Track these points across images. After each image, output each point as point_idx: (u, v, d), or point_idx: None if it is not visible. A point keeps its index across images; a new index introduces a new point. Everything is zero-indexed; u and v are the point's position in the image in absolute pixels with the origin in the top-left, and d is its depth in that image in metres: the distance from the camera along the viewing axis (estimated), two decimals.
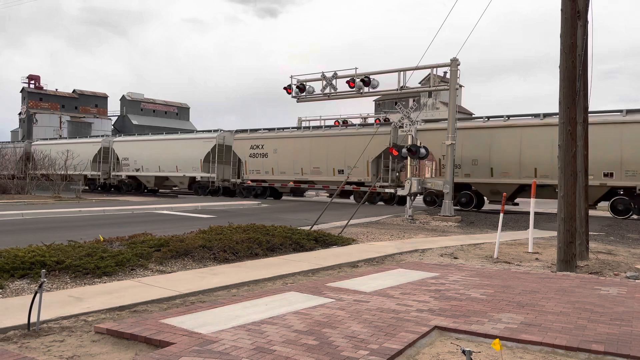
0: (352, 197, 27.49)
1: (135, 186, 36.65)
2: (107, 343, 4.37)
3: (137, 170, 35.72)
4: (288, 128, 30.55)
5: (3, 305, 5.40)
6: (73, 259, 7.14)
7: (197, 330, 4.51)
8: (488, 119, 22.88)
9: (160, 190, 37.54)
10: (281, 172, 28.82)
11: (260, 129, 31.11)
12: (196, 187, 33.04)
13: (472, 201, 22.97)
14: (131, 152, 36.19)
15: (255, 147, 30.02)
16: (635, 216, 19.72)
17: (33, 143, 44.54)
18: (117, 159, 37.05)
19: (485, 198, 23.59)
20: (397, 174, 25.47)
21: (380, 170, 25.45)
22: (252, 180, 30.10)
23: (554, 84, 9.52)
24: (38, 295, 4.64)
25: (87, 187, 38.95)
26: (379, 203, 26.22)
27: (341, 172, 26.10)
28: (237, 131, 31.94)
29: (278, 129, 30.40)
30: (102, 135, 41.28)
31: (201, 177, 32.20)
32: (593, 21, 10.08)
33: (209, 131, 33.33)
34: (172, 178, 34.42)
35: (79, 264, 7.04)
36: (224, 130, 32.46)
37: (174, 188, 37.74)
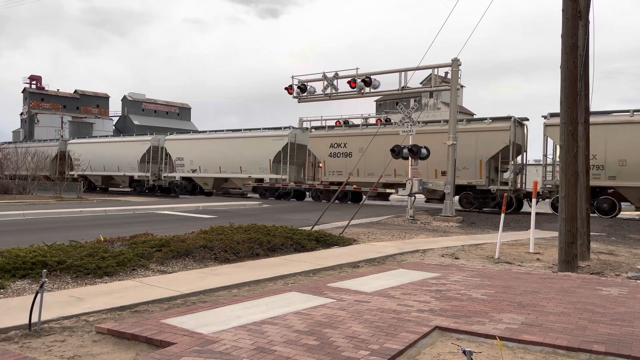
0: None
1: (190, 188, 33.87)
2: (108, 343, 4.37)
3: (194, 171, 32.91)
4: (373, 124, 27.66)
5: (4, 305, 5.40)
6: (74, 259, 7.15)
7: (198, 331, 4.52)
8: (633, 114, 19.99)
9: (215, 193, 34.30)
10: (368, 173, 25.37)
11: (338, 126, 29.04)
12: (262, 190, 30.32)
13: (614, 208, 20.39)
14: (186, 152, 33.28)
15: (336, 145, 27.06)
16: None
17: (69, 142, 42.25)
18: (170, 158, 34.35)
19: (631, 203, 20.80)
20: (514, 174, 22.92)
21: (490, 171, 23.02)
22: (332, 183, 27.12)
23: (554, 85, 9.53)
24: (39, 295, 4.65)
25: (131, 190, 37.28)
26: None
27: (444, 173, 23.30)
28: (314, 128, 29.62)
29: (362, 125, 28.14)
30: (152, 133, 37.89)
31: (270, 178, 29.37)
32: (594, 21, 10.08)
33: (279, 128, 30.16)
34: (233, 180, 31.57)
35: (80, 264, 7.05)
36: (295, 127, 30.13)
37: (231, 190, 34.13)
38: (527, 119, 23.58)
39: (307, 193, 30.07)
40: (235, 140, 31.13)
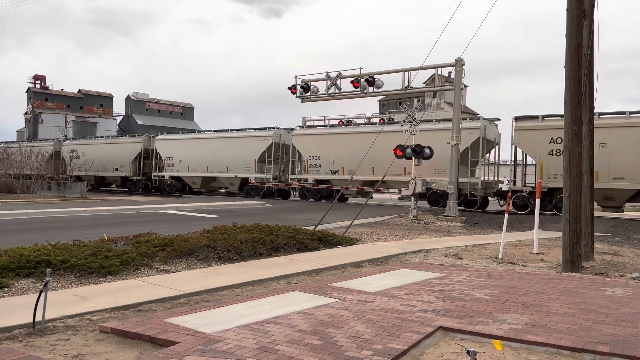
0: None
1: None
2: (111, 342, 4.38)
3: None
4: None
5: (8, 304, 5.42)
6: (78, 258, 7.16)
7: (201, 330, 4.52)
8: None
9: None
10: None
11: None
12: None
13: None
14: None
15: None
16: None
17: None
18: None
19: None
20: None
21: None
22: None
23: (558, 85, 9.50)
24: (43, 294, 4.66)
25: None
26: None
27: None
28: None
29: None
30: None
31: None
32: (599, 21, 10.04)
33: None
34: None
35: (84, 263, 7.06)
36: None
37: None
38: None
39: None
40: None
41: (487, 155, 25.05)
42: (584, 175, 9.33)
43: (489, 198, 24.34)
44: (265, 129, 30.51)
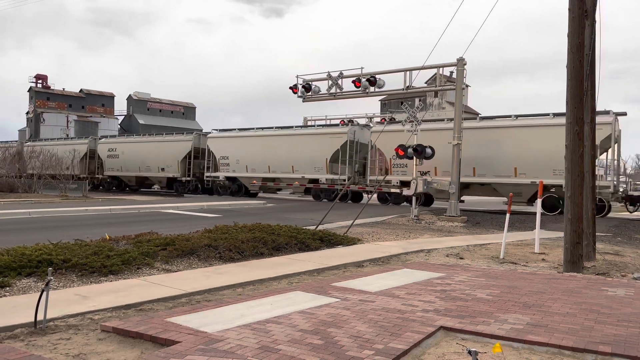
0: None
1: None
2: (113, 341, 4.39)
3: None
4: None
5: (10, 303, 5.43)
6: (79, 258, 7.17)
7: (202, 329, 4.52)
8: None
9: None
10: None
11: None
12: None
13: None
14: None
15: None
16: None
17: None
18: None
19: None
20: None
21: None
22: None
23: (560, 85, 9.47)
24: (45, 293, 4.67)
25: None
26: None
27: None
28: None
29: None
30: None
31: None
32: (601, 20, 10.02)
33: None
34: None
35: (86, 263, 7.07)
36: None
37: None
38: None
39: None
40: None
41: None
42: (585, 175, 9.32)
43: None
44: (339, 125, 28.31)
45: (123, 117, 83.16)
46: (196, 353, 3.91)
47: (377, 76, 21.27)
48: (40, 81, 77.72)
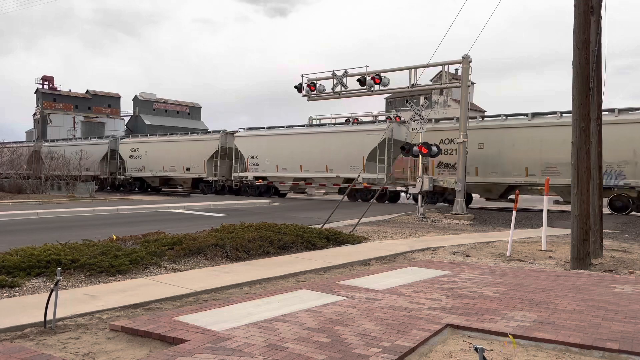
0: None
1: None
2: (121, 340, 4.42)
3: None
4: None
5: (20, 303, 5.48)
6: (88, 258, 7.23)
7: (210, 328, 4.55)
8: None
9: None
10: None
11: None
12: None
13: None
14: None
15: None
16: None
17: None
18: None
19: None
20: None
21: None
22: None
23: (566, 82, 9.43)
24: (54, 293, 4.71)
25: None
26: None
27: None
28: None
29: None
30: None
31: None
32: (607, 16, 9.97)
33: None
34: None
35: (94, 263, 7.12)
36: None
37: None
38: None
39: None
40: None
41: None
42: (592, 172, 9.28)
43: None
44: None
45: (129, 117, 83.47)
46: (204, 351, 3.94)
47: (382, 74, 21.24)
48: (47, 82, 78.14)
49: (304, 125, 30.27)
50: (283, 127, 30.85)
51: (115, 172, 38.45)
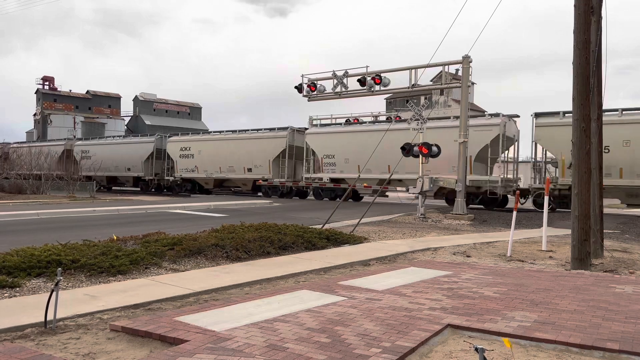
0: None
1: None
2: (122, 340, 4.42)
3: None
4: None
5: (20, 304, 5.49)
6: (88, 258, 7.23)
7: (210, 328, 4.55)
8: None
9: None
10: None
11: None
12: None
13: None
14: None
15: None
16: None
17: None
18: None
19: None
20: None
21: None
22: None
23: (566, 82, 9.43)
24: (54, 293, 4.71)
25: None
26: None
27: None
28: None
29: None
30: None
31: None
32: (607, 17, 9.97)
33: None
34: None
35: (94, 263, 7.13)
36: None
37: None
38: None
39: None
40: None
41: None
42: (592, 172, 9.28)
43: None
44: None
45: (129, 118, 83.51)
46: (204, 352, 3.94)
47: (382, 74, 21.23)
48: (47, 83, 78.20)
49: (390, 121, 26.08)
50: (365, 122, 27.86)
51: (160, 172, 35.64)
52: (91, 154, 38.12)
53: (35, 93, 78.39)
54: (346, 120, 32.50)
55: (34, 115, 79.43)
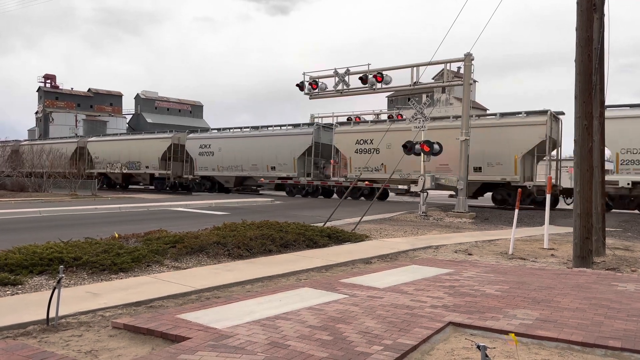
0: None
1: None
2: (124, 338, 4.43)
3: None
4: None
5: (22, 301, 5.50)
6: (90, 256, 7.24)
7: (212, 325, 4.56)
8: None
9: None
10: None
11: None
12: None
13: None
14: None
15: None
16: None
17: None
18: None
19: None
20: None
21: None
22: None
23: (568, 80, 9.41)
24: (56, 290, 4.72)
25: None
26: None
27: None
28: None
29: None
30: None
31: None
32: (610, 14, 9.94)
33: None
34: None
35: (96, 260, 7.14)
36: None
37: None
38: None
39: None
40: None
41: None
42: (595, 170, 9.26)
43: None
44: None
45: (131, 116, 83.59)
46: (206, 349, 3.95)
47: (384, 72, 21.18)
48: (49, 81, 78.30)
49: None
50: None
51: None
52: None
53: (37, 91, 78.53)
54: (348, 119, 32.46)
55: (36, 113, 79.56)
